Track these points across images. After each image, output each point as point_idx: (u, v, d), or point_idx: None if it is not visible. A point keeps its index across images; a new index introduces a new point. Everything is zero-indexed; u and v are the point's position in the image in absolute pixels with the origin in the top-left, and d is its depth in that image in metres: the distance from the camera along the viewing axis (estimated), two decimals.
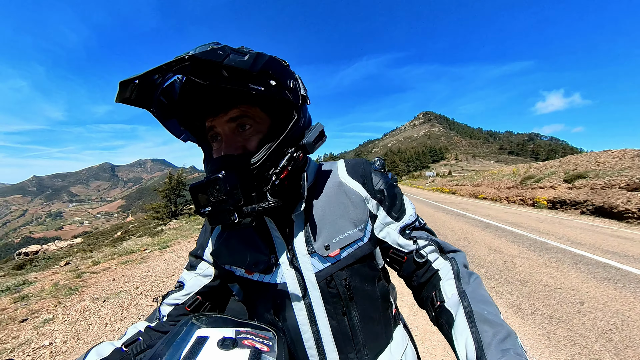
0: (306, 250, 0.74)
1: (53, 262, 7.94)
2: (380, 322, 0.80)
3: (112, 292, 4.32)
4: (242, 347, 0.62)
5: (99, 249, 8.42)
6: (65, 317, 3.61)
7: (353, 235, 0.75)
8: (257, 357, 0.60)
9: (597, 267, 5.30)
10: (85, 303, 3.93)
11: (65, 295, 4.27)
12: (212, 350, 0.60)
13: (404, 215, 0.82)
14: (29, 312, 3.77)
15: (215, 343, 0.62)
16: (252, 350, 0.61)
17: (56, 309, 3.82)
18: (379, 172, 0.86)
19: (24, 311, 3.79)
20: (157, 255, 6.33)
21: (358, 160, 0.88)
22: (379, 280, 0.82)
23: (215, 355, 0.59)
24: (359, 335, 0.74)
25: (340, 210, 0.78)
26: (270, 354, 0.64)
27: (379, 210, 0.81)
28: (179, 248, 6.85)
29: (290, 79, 0.68)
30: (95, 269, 5.66)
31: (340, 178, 0.83)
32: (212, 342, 0.62)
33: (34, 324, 3.45)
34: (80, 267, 5.94)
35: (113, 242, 9.77)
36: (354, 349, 0.74)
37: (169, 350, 0.60)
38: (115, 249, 7.85)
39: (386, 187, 0.83)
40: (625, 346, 2.91)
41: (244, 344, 0.63)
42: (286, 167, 0.65)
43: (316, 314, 0.73)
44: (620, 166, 15.54)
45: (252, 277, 0.79)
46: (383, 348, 0.79)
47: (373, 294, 0.78)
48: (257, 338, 0.68)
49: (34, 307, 3.88)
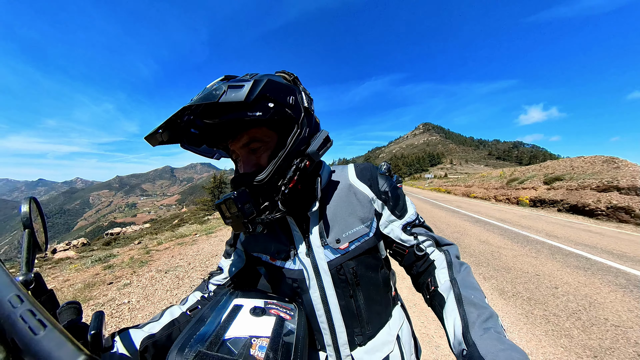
0: (320, 243, 0.72)
1: (129, 241, 8.31)
2: (381, 303, 0.78)
3: (171, 266, 4.45)
4: (269, 315, 0.62)
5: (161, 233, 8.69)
6: (138, 282, 3.77)
7: (360, 230, 0.73)
8: (281, 323, 0.60)
9: (570, 257, 5.04)
10: (152, 273, 4.09)
11: (138, 266, 4.46)
12: (245, 316, 0.61)
13: (405, 214, 0.78)
14: (113, 277, 3.97)
15: (248, 310, 0.63)
16: (277, 318, 0.62)
17: (132, 276, 4.00)
18: (385, 175, 0.82)
19: (110, 277, 4.00)
20: (204, 239, 6.40)
21: (366, 165, 0.83)
22: (381, 268, 0.79)
23: (248, 320, 0.60)
24: (363, 314, 0.73)
25: (350, 209, 0.75)
26: (291, 322, 0.64)
27: (384, 209, 0.77)
28: (221, 234, 6.89)
29: (290, 95, 0.63)
30: (159, 248, 5.83)
31: (350, 180, 0.79)
32: (245, 310, 0.63)
33: (117, 286, 3.64)
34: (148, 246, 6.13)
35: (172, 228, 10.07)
36: (359, 325, 0.73)
37: (212, 314, 0.61)
38: (173, 233, 8.00)
39: (390, 189, 0.79)
40: (592, 324, 2.81)
41: (271, 313, 0.64)
42: (292, 177, 0.63)
43: (327, 296, 0.72)
44: (591, 170, 14.80)
45: (275, 263, 0.78)
46: (383, 325, 0.77)
47: (376, 280, 0.76)
48: (281, 309, 0.68)
49: (117, 274, 4.09)
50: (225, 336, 0.54)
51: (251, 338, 0.55)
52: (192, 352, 0.50)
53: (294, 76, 0.71)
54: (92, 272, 4.25)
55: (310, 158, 0.65)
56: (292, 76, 0.71)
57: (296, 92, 0.66)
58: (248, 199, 0.60)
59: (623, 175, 10.69)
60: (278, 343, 0.55)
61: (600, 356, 2.33)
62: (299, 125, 0.65)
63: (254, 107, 0.56)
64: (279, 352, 0.53)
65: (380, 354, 0.73)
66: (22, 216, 0.49)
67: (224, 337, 0.54)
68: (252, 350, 0.52)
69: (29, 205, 0.51)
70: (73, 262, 5.36)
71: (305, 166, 0.64)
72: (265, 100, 0.58)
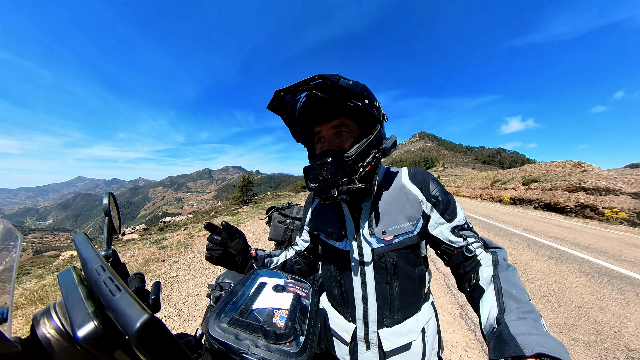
0: (368, 231, 0.69)
1: (177, 228, 8.58)
2: (413, 295, 0.71)
3: None
4: (288, 292, 0.62)
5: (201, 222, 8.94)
6: (184, 261, 3.87)
7: (406, 227, 0.67)
8: (298, 299, 0.60)
9: (544, 248, 4.80)
10: (194, 254, 4.19)
11: (184, 248, 4.59)
12: (268, 292, 0.61)
13: (455, 217, 0.68)
14: (166, 256, 4.11)
15: (271, 287, 0.63)
16: (294, 295, 0.61)
17: (179, 256, 4.12)
18: (436, 181, 0.73)
19: (163, 255, 4.15)
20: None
21: (418, 170, 0.75)
22: (419, 265, 0.72)
23: (271, 296, 0.60)
24: (395, 301, 0.69)
25: (399, 207, 0.69)
26: (306, 299, 0.62)
27: (433, 212, 0.68)
28: (248, 224, 6.88)
29: (376, 101, 0.63)
30: (199, 234, 5.92)
31: (403, 182, 0.72)
32: (269, 287, 0.63)
33: (168, 263, 3.76)
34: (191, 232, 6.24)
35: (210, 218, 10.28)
36: (389, 309, 0.69)
37: (242, 288, 0.61)
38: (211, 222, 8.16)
39: (440, 193, 0.70)
40: (559, 305, 2.72)
41: (290, 290, 0.63)
42: (370, 162, 0.62)
43: (367, 278, 0.69)
44: (562, 173, 14.23)
45: (328, 242, 0.77)
46: (411, 315, 0.71)
47: (412, 274, 0.70)
48: (298, 287, 0.67)
49: (168, 253, 4.23)
50: (252, 307, 0.55)
51: (273, 309, 0.55)
52: (227, 317, 0.51)
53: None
54: (150, 251, 4.43)
55: (384, 152, 0.63)
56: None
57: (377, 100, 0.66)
58: (338, 167, 0.59)
59: (589, 178, 10.24)
60: (295, 315, 0.55)
61: (565, 331, 2.27)
62: (380, 124, 0.64)
63: (357, 97, 0.58)
64: (296, 322, 0.53)
65: (403, 339, 0.69)
66: (103, 207, 0.53)
67: (252, 308, 0.55)
68: (274, 319, 0.52)
69: (108, 199, 0.55)
70: (136, 242, 5.61)
71: (379, 158, 0.63)
72: (363, 97, 0.59)
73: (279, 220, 1.39)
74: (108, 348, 0.27)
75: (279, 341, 0.47)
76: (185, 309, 2.44)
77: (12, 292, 0.37)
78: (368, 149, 0.62)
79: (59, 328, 0.29)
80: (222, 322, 0.49)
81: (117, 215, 0.58)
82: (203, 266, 3.64)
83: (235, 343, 0.45)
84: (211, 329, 0.48)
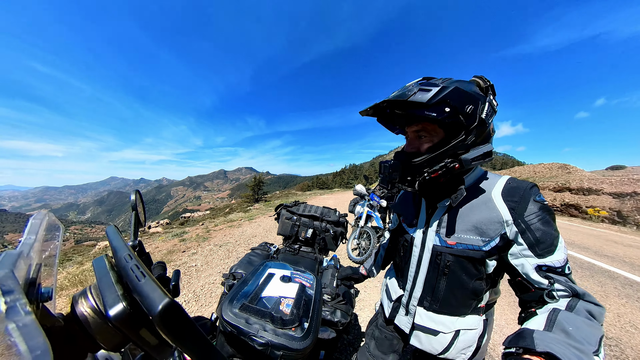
0: (435, 229, 0.66)
1: (196, 223, 8.65)
2: (459, 301, 0.65)
3: (224, 242, 4.48)
4: (294, 282, 0.62)
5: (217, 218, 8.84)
6: (202, 252, 3.87)
7: (473, 240, 0.59)
8: (302, 289, 0.60)
9: None
10: (211, 246, 4.20)
11: (201, 240, 4.60)
12: (276, 282, 0.61)
13: (549, 256, 0.52)
14: (186, 247, 4.11)
15: (279, 278, 0.63)
16: (300, 285, 0.61)
17: (198, 248, 4.11)
18: (541, 205, 0.55)
19: (183, 247, 4.14)
20: (247, 224, 6.33)
21: (519, 185, 0.58)
22: (478, 279, 0.63)
23: (278, 285, 0.60)
24: (439, 295, 0.67)
25: (476, 218, 0.60)
26: (310, 289, 0.63)
27: (518, 239, 0.55)
28: (259, 220, 6.77)
29: (470, 105, 0.54)
30: (215, 228, 5.87)
31: (492, 194, 0.60)
32: (276, 277, 0.63)
33: (188, 254, 3.76)
34: (208, 227, 6.19)
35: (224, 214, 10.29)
36: (431, 297, 0.69)
37: (252, 278, 0.62)
38: (225, 218, 8.01)
39: (539, 221, 0.53)
40: None
41: (295, 280, 0.63)
42: (437, 171, 0.57)
43: (422, 265, 0.70)
44: (549, 174, 13.90)
45: (402, 225, 0.80)
46: (451, 314, 0.67)
47: (465, 283, 0.63)
48: (303, 278, 0.67)
49: (188, 245, 4.24)
50: (261, 295, 0.56)
51: (280, 298, 0.55)
52: (238, 304, 0.51)
53: (488, 84, 0.59)
54: (172, 243, 4.49)
55: (461, 163, 0.55)
56: (487, 84, 0.59)
57: (479, 102, 0.55)
58: (397, 170, 0.63)
59: (573, 179, 9.94)
60: (300, 302, 0.55)
61: None
62: (466, 132, 0.56)
63: (431, 108, 0.54)
64: (300, 309, 0.53)
65: (434, 325, 0.68)
66: (131, 203, 0.54)
67: (261, 296, 0.55)
68: (281, 306, 0.53)
69: (135, 196, 0.56)
70: (160, 235, 5.70)
71: (454, 167, 0.56)
72: (444, 105, 0.53)
73: (287, 217, 1.39)
74: (135, 326, 0.29)
75: (285, 326, 0.48)
76: (202, 295, 2.46)
77: (56, 274, 0.39)
78: (441, 157, 0.57)
79: (94, 307, 0.30)
80: (235, 308, 0.50)
81: (142, 211, 0.59)
82: (218, 257, 3.67)
83: (246, 327, 0.46)
84: (225, 314, 0.49)
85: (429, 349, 0.69)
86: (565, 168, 14.59)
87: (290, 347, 0.45)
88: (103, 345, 0.30)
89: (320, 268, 1.13)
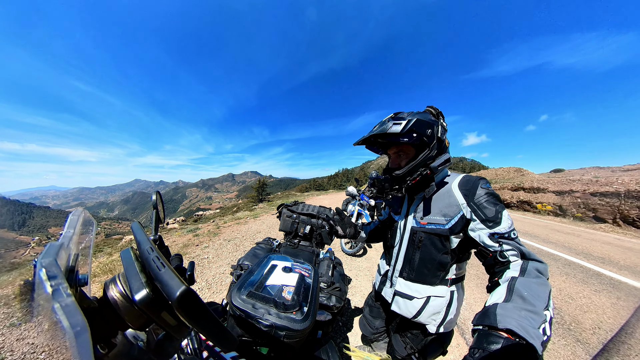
0: (413, 215, 0.75)
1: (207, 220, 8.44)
2: (429, 271, 0.72)
3: (232, 237, 4.39)
4: (294, 273, 0.62)
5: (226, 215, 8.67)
6: (213, 246, 3.78)
7: (438, 220, 0.67)
8: (302, 278, 0.60)
9: None
10: (221, 241, 4.10)
11: (212, 236, 4.49)
12: (279, 272, 0.61)
13: (497, 226, 0.58)
14: (199, 242, 4.01)
15: (281, 269, 0.62)
16: (299, 275, 0.61)
17: (209, 242, 4.02)
18: (486, 190, 0.62)
19: (197, 241, 4.05)
20: (252, 221, 6.19)
21: (471, 179, 0.67)
22: (444, 253, 0.68)
23: (280, 275, 0.59)
24: (414, 265, 0.74)
25: (440, 204, 0.68)
26: (309, 278, 0.62)
27: (473, 217, 0.61)
28: (263, 218, 6.59)
29: (429, 129, 0.64)
30: (224, 225, 5.76)
31: (452, 186, 0.68)
32: (279, 268, 0.63)
33: (200, 248, 3.67)
34: (218, 224, 6.06)
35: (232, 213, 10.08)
36: (409, 268, 0.76)
37: (257, 269, 0.61)
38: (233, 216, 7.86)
39: (486, 202, 0.60)
40: None
41: (296, 271, 0.63)
42: (415, 178, 0.67)
43: (403, 243, 0.77)
44: (508, 176, 14.37)
45: (392, 215, 0.89)
46: (423, 283, 0.73)
47: (434, 255, 0.70)
48: (302, 268, 0.66)
49: (201, 240, 4.14)
50: (266, 283, 0.55)
51: (282, 286, 0.55)
52: (246, 291, 0.51)
53: (437, 111, 0.71)
54: (187, 238, 4.38)
55: (431, 170, 0.66)
56: (437, 111, 0.71)
57: (434, 126, 0.65)
58: (386, 181, 0.72)
59: (526, 180, 10.35)
60: (300, 290, 0.55)
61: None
62: (429, 148, 0.66)
63: (404, 135, 0.64)
64: (300, 295, 0.53)
65: (409, 292, 0.75)
66: (152, 202, 0.53)
67: (265, 284, 0.55)
68: (283, 293, 0.52)
69: (156, 196, 0.55)
70: (177, 231, 5.55)
71: (427, 174, 0.66)
72: (412, 132, 0.63)
73: (288, 215, 1.38)
74: (157, 309, 0.29)
75: (287, 310, 0.48)
76: (214, 283, 2.40)
77: (91, 263, 0.39)
78: (416, 167, 0.67)
79: (123, 292, 0.30)
80: (242, 295, 0.50)
81: (162, 209, 0.58)
82: (227, 251, 3.60)
83: (253, 311, 0.46)
84: (234, 300, 0.49)
85: (406, 312, 0.76)
86: (519, 171, 15.12)
87: (291, 328, 0.45)
88: (130, 325, 0.30)
89: (317, 260, 1.12)
